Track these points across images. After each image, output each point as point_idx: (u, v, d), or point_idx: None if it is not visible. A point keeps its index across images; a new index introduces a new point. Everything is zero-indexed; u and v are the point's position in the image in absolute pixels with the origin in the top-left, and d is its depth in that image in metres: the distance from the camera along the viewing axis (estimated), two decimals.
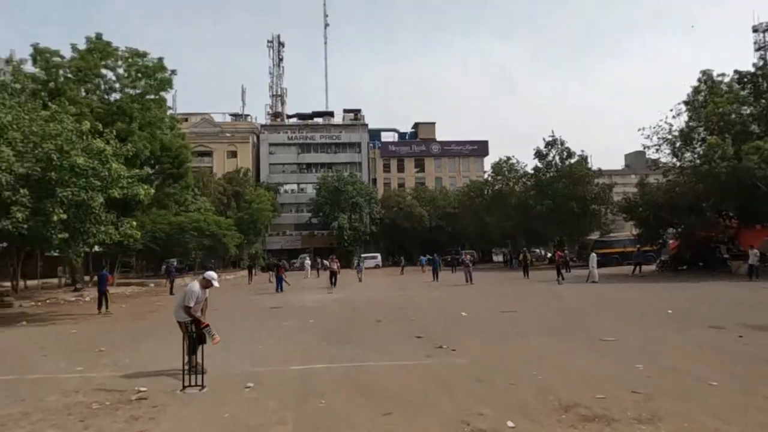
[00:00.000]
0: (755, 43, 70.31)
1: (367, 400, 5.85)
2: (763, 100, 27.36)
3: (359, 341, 9.98)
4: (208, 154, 68.53)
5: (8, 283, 25.00)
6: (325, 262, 31.32)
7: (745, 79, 28.55)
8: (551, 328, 10.94)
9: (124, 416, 5.52)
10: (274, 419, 5.26)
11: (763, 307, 13.29)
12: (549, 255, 51.82)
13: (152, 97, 25.99)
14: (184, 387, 6.46)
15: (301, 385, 6.65)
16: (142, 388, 6.57)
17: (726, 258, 27.96)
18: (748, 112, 27.70)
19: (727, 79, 29.09)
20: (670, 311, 12.86)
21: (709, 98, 27.96)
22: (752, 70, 28.66)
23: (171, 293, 24.01)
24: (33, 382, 7.24)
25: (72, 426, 5.25)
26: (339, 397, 6.03)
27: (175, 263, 31.91)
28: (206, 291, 7.44)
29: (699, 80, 29.57)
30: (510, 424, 4.87)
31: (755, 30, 70.75)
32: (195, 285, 7.29)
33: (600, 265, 26.11)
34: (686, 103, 29.77)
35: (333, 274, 25.22)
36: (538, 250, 55.92)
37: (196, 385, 6.49)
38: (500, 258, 60.58)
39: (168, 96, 27.77)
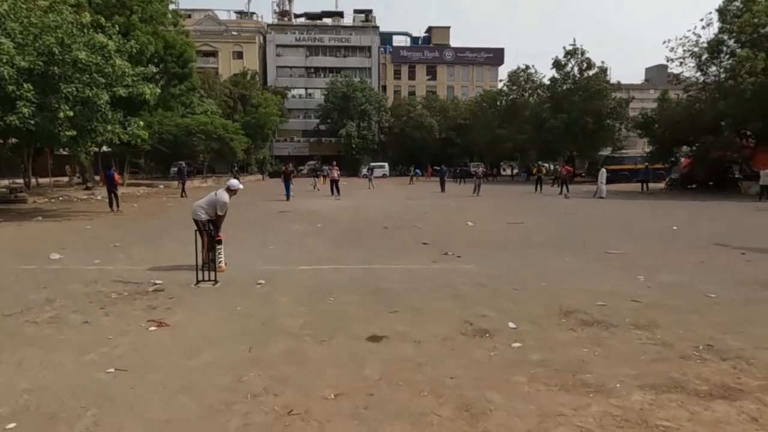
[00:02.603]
0: None
1: (375, 299, 6.07)
2: None
3: (367, 245, 10.20)
4: (213, 54, 66.11)
5: (21, 180, 25.36)
6: (326, 167, 31.21)
7: None
8: (556, 239, 11.10)
9: (142, 305, 5.79)
10: (285, 313, 5.50)
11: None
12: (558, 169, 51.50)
13: None
14: (197, 281, 6.71)
15: (311, 283, 6.88)
16: (158, 281, 6.84)
17: (738, 178, 27.68)
18: None
19: None
20: (675, 228, 12.95)
21: (745, 6, 26.07)
22: None
23: (182, 195, 24.22)
24: (54, 272, 7.54)
25: (93, 312, 5.52)
26: (347, 295, 6.25)
27: (184, 165, 31.89)
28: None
29: None
30: (511, 325, 5.07)
31: None
32: (225, 196, 7.51)
33: (609, 181, 25.96)
34: (719, 11, 27.87)
35: (333, 182, 25.15)
36: (547, 165, 55.47)
37: (209, 281, 6.74)
38: (507, 172, 60.40)
39: None
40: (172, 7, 27.49)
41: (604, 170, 25.26)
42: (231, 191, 7.62)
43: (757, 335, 4.75)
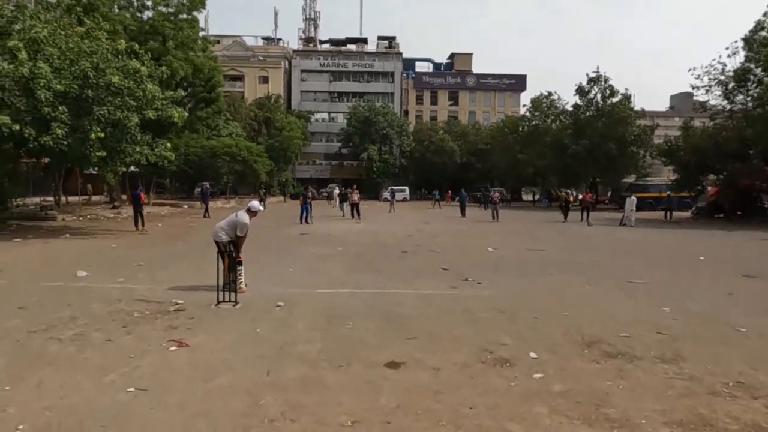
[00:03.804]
0: None
1: (393, 325, 6.03)
2: None
3: (385, 270, 10.17)
4: (240, 78, 67.95)
5: (51, 198, 26.12)
6: (347, 190, 31.27)
7: None
8: (579, 267, 10.90)
9: (163, 325, 5.85)
10: (302, 338, 5.49)
11: None
12: (580, 196, 50.87)
13: (185, 16, 25.48)
14: (218, 302, 6.77)
15: (329, 308, 6.87)
16: (179, 301, 6.91)
17: (767, 208, 26.98)
18: None
19: None
20: (702, 258, 12.63)
21: None
22: None
23: (205, 216, 24.52)
24: (78, 290, 7.69)
25: (115, 331, 5.60)
26: (365, 321, 6.22)
27: (208, 186, 32.35)
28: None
29: (765, 14, 27.13)
30: (532, 354, 4.97)
31: None
32: (246, 217, 7.51)
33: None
34: (745, 40, 27.60)
35: (354, 206, 25.26)
36: (572, 191, 54.92)
37: (229, 302, 6.79)
38: (530, 197, 59.79)
39: (200, 16, 27.21)
40: (202, 33, 28.46)
41: (634, 198, 24.38)
42: (251, 212, 7.65)
43: None
